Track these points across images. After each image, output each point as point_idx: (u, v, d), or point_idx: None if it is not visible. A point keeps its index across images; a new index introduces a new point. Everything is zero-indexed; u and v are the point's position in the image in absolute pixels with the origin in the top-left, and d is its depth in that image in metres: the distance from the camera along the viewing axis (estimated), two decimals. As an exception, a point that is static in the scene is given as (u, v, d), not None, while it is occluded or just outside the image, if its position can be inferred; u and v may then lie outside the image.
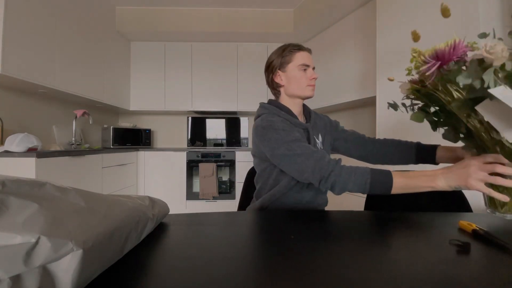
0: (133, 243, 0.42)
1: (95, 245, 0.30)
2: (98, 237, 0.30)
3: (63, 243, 0.26)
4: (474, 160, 0.54)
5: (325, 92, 2.80)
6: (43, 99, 2.16)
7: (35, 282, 0.25)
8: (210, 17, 2.93)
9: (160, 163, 2.84)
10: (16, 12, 1.60)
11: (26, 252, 0.24)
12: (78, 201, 0.30)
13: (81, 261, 0.28)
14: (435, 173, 0.59)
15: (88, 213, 0.31)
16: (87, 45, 2.31)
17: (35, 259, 0.25)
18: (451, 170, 0.57)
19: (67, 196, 0.30)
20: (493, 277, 0.36)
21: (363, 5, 2.31)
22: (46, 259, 0.25)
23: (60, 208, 0.28)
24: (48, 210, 0.27)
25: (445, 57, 0.55)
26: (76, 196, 0.31)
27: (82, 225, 0.29)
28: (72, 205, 0.29)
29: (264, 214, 0.69)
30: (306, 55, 0.85)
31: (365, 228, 0.58)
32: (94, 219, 0.31)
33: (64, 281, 0.27)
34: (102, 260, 0.32)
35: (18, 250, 0.24)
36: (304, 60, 0.83)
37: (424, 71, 0.58)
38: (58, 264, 0.26)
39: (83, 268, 0.28)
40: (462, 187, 0.55)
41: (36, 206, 0.26)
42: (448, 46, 0.54)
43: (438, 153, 0.80)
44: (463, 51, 0.54)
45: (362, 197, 1.93)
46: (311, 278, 0.35)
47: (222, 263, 0.40)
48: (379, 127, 1.84)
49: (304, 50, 0.85)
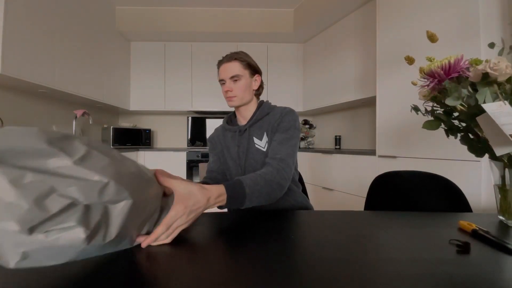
0: (146, 228, 0.45)
1: (138, 202, 0.38)
2: (141, 196, 0.39)
3: (122, 191, 0.35)
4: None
5: (325, 92, 2.80)
6: (43, 99, 2.16)
7: (98, 214, 0.33)
8: (210, 17, 2.93)
9: (160, 163, 2.84)
10: (16, 12, 1.60)
11: (99, 189, 0.33)
12: (132, 166, 0.40)
13: (129, 210, 0.36)
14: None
15: (139, 176, 0.41)
16: (87, 45, 2.31)
17: (104, 196, 0.33)
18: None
19: (126, 161, 0.40)
20: (493, 277, 0.36)
21: (363, 5, 2.31)
22: (110, 199, 0.34)
23: (122, 166, 0.37)
24: (116, 165, 0.36)
25: (441, 76, 0.55)
26: (132, 163, 0.41)
27: (134, 183, 0.38)
28: (128, 167, 0.39)
29: (264, 214, 0.69)
30: (222, 69, 0.89)
31: (365, 228, 0.58)
32: (142, 181, 0.41)
33: (115, 222, 0.35)
34: (136, 222, 0.41)
35: (94, 185, 0.32)
36: (220, 76, 0.91)
37: (424, 86, 0.59)
38: (115, 207, 0.35)
39: (128, 217, 0.37)
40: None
41: (109, 160, 0.35)
42: (442, 66, 0.55)
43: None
44: (461, 69, 0.54)
45: (362, 197, 1.93)
46: (311, 277, 0.35)
47: (222, 263, 0.40)
48: (379, 127, 1.85)
49: (222, 63, 0.90)
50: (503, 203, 0.58)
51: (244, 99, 0.90)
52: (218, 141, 0.99)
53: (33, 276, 0.35)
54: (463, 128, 0.61)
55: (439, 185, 0.89)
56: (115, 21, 2.85)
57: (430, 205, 0.89)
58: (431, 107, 0.66)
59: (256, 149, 0.88)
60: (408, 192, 0.94)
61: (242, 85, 0.88)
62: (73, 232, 0.30)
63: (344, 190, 2.21)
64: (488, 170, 1.18)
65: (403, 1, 1.67)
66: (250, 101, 0.93)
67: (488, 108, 0.47)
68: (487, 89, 0.49)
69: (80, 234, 0.31)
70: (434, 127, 0.63)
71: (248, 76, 0.90)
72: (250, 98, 0.92)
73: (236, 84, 0.88)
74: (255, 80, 0.93)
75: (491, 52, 0.60)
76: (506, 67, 0.48)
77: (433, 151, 1.45)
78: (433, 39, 0.61)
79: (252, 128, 0.91)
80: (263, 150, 0.87)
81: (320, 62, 2.90)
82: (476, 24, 1.25)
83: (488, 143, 0.53)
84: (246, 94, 0.90)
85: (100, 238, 0.33)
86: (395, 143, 1.72)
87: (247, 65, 0.89)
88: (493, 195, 0.63)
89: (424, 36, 0.63)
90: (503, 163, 0.56)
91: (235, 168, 0.92)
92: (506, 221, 0.58)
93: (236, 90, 0.88)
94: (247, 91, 0.90)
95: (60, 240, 0.30)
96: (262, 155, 0.86)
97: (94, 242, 0.32)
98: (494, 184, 0.60)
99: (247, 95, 0.90)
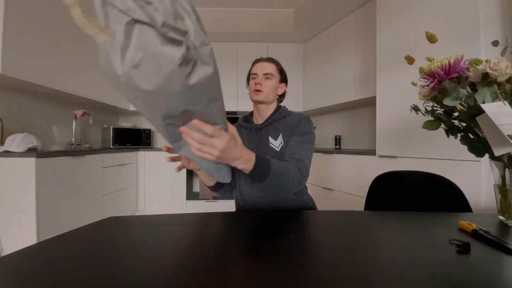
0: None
1: (216, 78, 0.46)
2: (218, 86, 0.48)
3: (211, 63, 0.43)
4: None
5: (325, 92, 2.80)
6: (43, 99, 2.16)
7: (193, 56, 0.38)
8: (210, 17, 2.93)
9: (160, 163, 2.84)
10: (16, 12, 1.60)
11: (206, 49, 0.40)
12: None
13: (210, 75, 0.42)
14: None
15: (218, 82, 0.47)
16: (87, 45, 2.31)
17: (202, 54, 0.40)
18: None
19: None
20: (493, 277, 0.36)
21: (363, 5, 2.31)
22: (203, 58, 0.40)
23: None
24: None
25: (441, 76, 0.55)
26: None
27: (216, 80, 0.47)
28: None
29: (264, 214, 0.69)
30: (259, 66, 0.96)
31: (365, 228, 0.58)
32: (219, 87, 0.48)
33: (200, 69, 0.40)
34: (212, 93, 0.46)
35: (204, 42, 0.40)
36: (253, 70, 0.97)
37: (424, 86, 0.59)
38: (205, 67, 0.41)
39: (208, 78, 0.42)
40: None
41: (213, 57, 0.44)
42: (442, 66, 0.55)
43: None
44: (461, 69, 0.54)
45: (362, 197, 1.93)
46: (311, 277, 0.35)
47: (222, 263, 0.40)
48: (379, 127, 1.84)
49: (260, 61, 0.97)
50: (503, 203, 0.58)
51: (268, 97, 0.95)
52: None
53: (33, 277, 0.35)
54: (463, 128, 0.61)
55: (439, 185, 0.89)
56: (115, 21, 2.84)
57: (430, 205, 0.89)
58: (431, 107, 0.66)
59: (270, 148, 0.91)
60: (408, 192, 0.94)
61: (272, 84, 0.95)
62: (176, 48, 0.35)
63: (344, 190, 2.21)
64: (488, 170, 1.18)
65: (403, 1, 1.67)
66: (272, 102, 0.99)
67: (487, 108, 0.47)
68: (486, 89, 0.49)
69: (178, 52, 0.35)
70: (434, 127, 0.63)
71: (278, 80, 0.97)
72: (272, 99, 0.98)
73: (266, 81, 0.94)
74: (281, 87, 1.00)
75: (491, 52, 0.60)
76: (506, 67, 0.48)
77: (433, 151, 1.45)
78: (432, 39, 0.61)
79: (268, 127, 0.95)
80: (276, 150, 0.90)
81: (320, 62, 2.90)
82: (476, 24, 1.25)
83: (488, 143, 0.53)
84: (271, 93, 0.96)
85: (186, 71, 0.38)
86: (395, 143, 1.72)
87: (280, 71, 0.99)
88: (493, 195, 0.63)
89: (424, 36, 0.63)
90: (503, 163, 0.56)
91: None
92: (506, 221, 0.58)
93: (265, 86, 0.94)
94: (273, 92, 0.96)
95: (166, 51, 0.35)
96: (274, 154, 0.89)
97: (180, 71, 0.37)
98: (494, 184, 0.60)
99: (271, 95, 0.96)
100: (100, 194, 2.13)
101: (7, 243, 1.45)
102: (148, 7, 0.34)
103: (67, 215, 1.71)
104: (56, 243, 0.47)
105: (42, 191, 1.50)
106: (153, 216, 0.65)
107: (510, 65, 0.48)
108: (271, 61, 0.97)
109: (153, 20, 0.34)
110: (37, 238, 1.47)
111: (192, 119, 0.46)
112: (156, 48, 0.35)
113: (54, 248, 0.45)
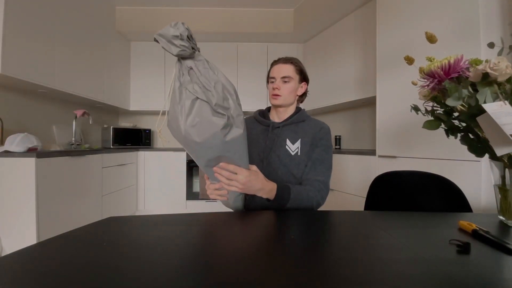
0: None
1: (243, 139, 0.62)
2: (244, 144, 0.64)
3: (241, 125, 0.60)
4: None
5: (325, 92, 2.80)
6: (43, 99, 2.16)
7: (230, 124, 0.57)
8: (210, 17, 2.93)
9: (160, 163, 2.84)
10: (16, 12, 1.60)
11: (239, 118, 0.60)
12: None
13: (240, 135, 0.59)
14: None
15: (245, 141, 0.64)
16: (87, 45, 2.31)
17: (236, 120, 0.59)
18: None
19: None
20: (493, 277, 0.36)
21: (363, 5, 2.31)
22: (236, 125, 0.59)
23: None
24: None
25: (441, 76, 0.55)
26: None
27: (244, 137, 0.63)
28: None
29: (264, 214, 0.69)
30: (276, 68, 0.94)
31: (365, 228, 0.58)
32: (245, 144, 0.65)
33: (234, 131, 0.58)
34: (240, 150, 0.63)
35: (239, 115, 0.60)
36: (271, 73, 0.95)
37: (424, 86, 0.59)
38: (236, 128, 0.59)
39: (238, 139, 0.60)
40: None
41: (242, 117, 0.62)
42: (442, 67, 0.54)
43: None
44: (461, 69, 0.54)
45: (362, 197, 1.93)
46: (311, 278, 0.35)
47: (222, 263, 0.40)
48: (379, 127, 1.84)
49: (278, 63, 0.95)
50: (503, 203, 0.58)
51: (287, 100, 0.95)
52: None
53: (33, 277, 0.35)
54: (463, 128, 0.61)
55: (439, 185, 0.89)
56: (115, 21, 2.85)
57: (430, 205, 0.89)
58: (431, 107, 0.66)
59: (285, 150, 0.91)
60: (408, 192, 0.95)
61: (290, 87, 0.93)
62: (220, 119, 0.54)
63: (344, 190, 2.21)
64: (488, 170, 1.18)
65: (403, 1, 1.67)
66: (291, 104, 0.98)
67: (488, 108, 0.47)
68: (487, 89, 0.49)
69: (222, 121, 0.54)
70: (434, 127, 0.62)
71: (297, 81, 0.95)
72: (292, 101, 0.97)
73: (284, 84, 0.93)
74: (301, 87, 0.98)
75: (491, 52, 0.60)
76: (506, 67, 0.48)
77: (433, 151, 1.45)
78: (432, 39, 0.61)
79: (285, 128, 0.95)
80: (291, 153, 0.90)
81: (320, 62, 2.90)
82: (476, 24, 1.25)
83: (488, 143, 0.53)
84: (290, 96, 0.95)
85: (224, 132, 0.56)
86: (395, 143, 1.72)
87: (299, 71, 0.95)
88: (493, 195, 0.63)
89: (424, 36, 0.63)
90: (503, 163, 0.56)
91: (258, 160, 0.93)
92: (506, 221, 0.58)
93: (283, 90, 0.93)
94: (292, 94, 0.95)
95: (214, 120, 0.54)
96: (288, 156, 0.90)
97: (221, 132, 0.54)
98: (494, 184, 0.60)
99: (291, 98, 0.95)
100: (100, 194, 2.13)
101: (7, 243, 1.45)
102: (207, 93, 0.53)
103: (67, 215, 1.71)
104: (56, 243, 0.47)
105: (42, 191, 1.50)
106: (153, 216, 0.65)
107: (510, 65, 0.48)
108: (289, 61, 0.94)
109: (210, 101, 0.53)
110: (37, 238, 1.47)
111: (222, 161, 0.63)
112: (209, 117, 0.53)
113: (54, 248, 0.45)
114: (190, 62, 0.54)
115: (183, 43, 0.50)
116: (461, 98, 0.52)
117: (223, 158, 0.62)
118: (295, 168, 0.89)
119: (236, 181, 0.66)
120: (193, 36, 0.52)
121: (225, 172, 0.65)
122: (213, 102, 0.53)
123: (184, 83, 0.54)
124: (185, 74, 0.54)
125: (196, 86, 0.53)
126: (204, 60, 0.55)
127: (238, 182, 0.66)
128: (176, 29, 0.49)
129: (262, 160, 0.92)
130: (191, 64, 0.54)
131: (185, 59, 0.54)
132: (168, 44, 0.50)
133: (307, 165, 0.89)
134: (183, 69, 0.55)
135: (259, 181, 0.70)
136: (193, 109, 0.53)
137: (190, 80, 0.54)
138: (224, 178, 0.66)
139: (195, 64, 0.54)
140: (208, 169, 0.65)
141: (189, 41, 0.51)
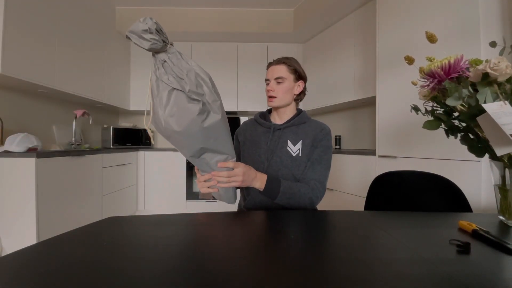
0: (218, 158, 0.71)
1: (224, 125, 0.65)
2: (225, 130, 0.67)
3: (218, 112, 0.62)
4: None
5: (325, 92, 2.80)
6: (43, 99, 2.16)
7: (207, 109, 0.60)
8: (210, 17, 2.93)
9: (160, 163, 2.84)
10: (16, 12, 1.60)
11: (215, 103, 0.62)
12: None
13: (218, 120, 0.62)
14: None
15: (228, 133, 0.68)
16: (87, 45, 2.31)
17: (212, 109, 0.61)
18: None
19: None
20: (493, 277, 0.36)
21: (363, 5, 2.31)
22: (214, 110, 0.62)
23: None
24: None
25: (441, 76, 0.55)
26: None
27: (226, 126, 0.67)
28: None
29: (264, 214, 0.69)
30: (270, 70, 0.95)
31: (365, 228, 0.58)
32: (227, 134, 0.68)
33: (211, 117, 0.61)
34: (221, 137, 0.65)
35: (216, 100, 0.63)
36: (266, 76, 0.96)
37: (424, 86, 0.59)
38: (214, 114, 0.61)
39: (217, 125, 0.62)
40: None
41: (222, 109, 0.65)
42: (442, 66, 0.54)
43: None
44: (461, 69, 0.54)
45: (362, 197, 1.93)
46: (311, 278, 0.35)
47: (222, 262, 0.40)
48: (379, 127, 1.84)
49: (271, 65, 0.95)
50: (503, 203, 0.58)
51: (283, 101, 0.94)
52: (243, 133, 1.04)
53: (33, 277, 0.35)
54: (463, 128, 0.61)
55: (439, 185, 0.89)
56: (115, 21, 2.85)
57: (430, 205, 0.89)
58: (431, 107, 0.66)
59: (287, 151, 0.91)
60: (408, 192, 0.95)
61: (284, 87, 0.93)
62: (196, 105, 0.57)
63: (344, 190, 2.21)
64: (488, 170, 1.18)
65: (403, 1, 1.67)
66: (289, 104, 0.97)
67: (488, 108, 0.47)
68: (487, 89, 0.49)
69: (197, 107, 0.57)
70: (434, 127, 0.62)
71: (292, 80, 0.94)
72: (289, 101, 0.96)
73: (279, 85, 0.93)
74: (298, 85, 0.97)
75: (491, 52, 0.60)
76: (506, 67, 0.48)
77: (433, 151, 1.45)
78: (432, 39, 0.61)
79: (286, 129, 0.95)
80: (292, 154, 0.90)
81: (320, 62, 2.90)
82: (476, 24, 1.25)
83: (488, 143, 0.53)
84: (286, 96, 0.94)
85: (202, 118, 0.58)
86: (395, 143, 1.71)
87: (293, 70, 0.94)
88: (493, 195, 0.63)
89: (424, 36, 0.63)
90: (503, 163, 0.56)
91: (259, 162, 0.93)
92: (506, 221, 0.58)
93: (277, 91, 0.93)
94: (288, 94, 0.94)
95: (190, 106, 0.56)
96: (289, 158, 0.90)
97: (198, 118, 0.57)
98: (494, 184, 0.60)
99: (287, 98, 0.95)
100: (100, 194, 2.13)
101: (7, 243, 1.45)
102: (181, 81, 0.56)
103: (67, 215, 1.71)
104: (56, 243, 0.47)
105: (42, 191, 1.50)
106: (153, 216, 0.65)
107: (510, 65, 0.48)
108: (282, 62, 0.94)
109: (183, 88, 0.56)
110: (37, 238, 1.47)
111: (205, 152, 0.66)
112: (185, 105, 0.56)
113: (54, 248, 0.45)
114: (163, 55, 0.56)
115: (153, 37, 0.51)
116: (461, 98, 0.52)
117: (207, 149, 0.64)
118: (297, 169, 0.89)
119: (236, 175, 0.69)
120: (162, 30, 0.54)
121: (223, 172, 0.68)
122: (187, 89, 0.55)
123: (160, 76, 0.56)
124: (160, 67, 0.57)
125: (170, 77, 0.56)
126: (176, 52, 0.57)
127: (237, 175, 0.69)
128: (145, 24, 0.50)
129: (264, 161, 0.92)
130: (164, 57, 0.56)
131: (158, 53, 0.56)
132: (140, 40, 0.51)
133: (306, 165, 0.90)
134: (157, 63, 0.57)
135: (253, 170, 0.75)
136: (170, 100, 0.56)
137: (165, 72, 0.56)
138: (225, 179, 0.68)
139: (168, 56, 0.57)
140: (194, 159, 0.66)
141: (158, 34, 0.52)
